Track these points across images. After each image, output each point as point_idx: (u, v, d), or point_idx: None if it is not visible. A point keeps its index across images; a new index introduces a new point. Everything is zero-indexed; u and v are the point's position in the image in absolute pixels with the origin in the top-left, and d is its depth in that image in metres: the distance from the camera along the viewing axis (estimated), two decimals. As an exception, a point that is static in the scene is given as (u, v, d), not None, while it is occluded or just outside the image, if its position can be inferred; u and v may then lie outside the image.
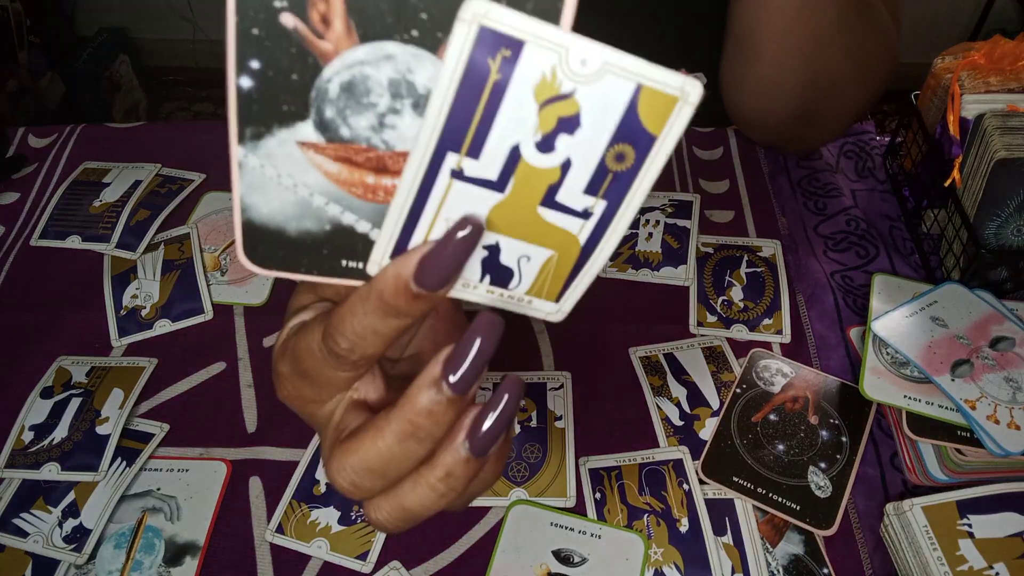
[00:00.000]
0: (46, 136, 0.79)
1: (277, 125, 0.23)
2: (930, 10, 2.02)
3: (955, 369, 0.52)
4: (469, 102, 0.21)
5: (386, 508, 0.28)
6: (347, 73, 0.22)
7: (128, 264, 0.66)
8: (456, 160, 0.23)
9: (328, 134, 0.23)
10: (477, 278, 0.26)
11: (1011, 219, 0.56)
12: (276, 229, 0.25)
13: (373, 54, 0.22)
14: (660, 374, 0.57)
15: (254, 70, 0.22)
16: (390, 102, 0.23)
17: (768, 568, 0.48)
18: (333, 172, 0.24)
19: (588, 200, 0.24)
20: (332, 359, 0.26)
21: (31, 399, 0.56)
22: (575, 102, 0.22)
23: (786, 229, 0.67)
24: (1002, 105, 0.57)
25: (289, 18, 0.21)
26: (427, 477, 0.27)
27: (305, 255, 0.26)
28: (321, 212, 0.25)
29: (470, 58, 0.21)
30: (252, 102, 0.23)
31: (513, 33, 0.20)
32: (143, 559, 0.49)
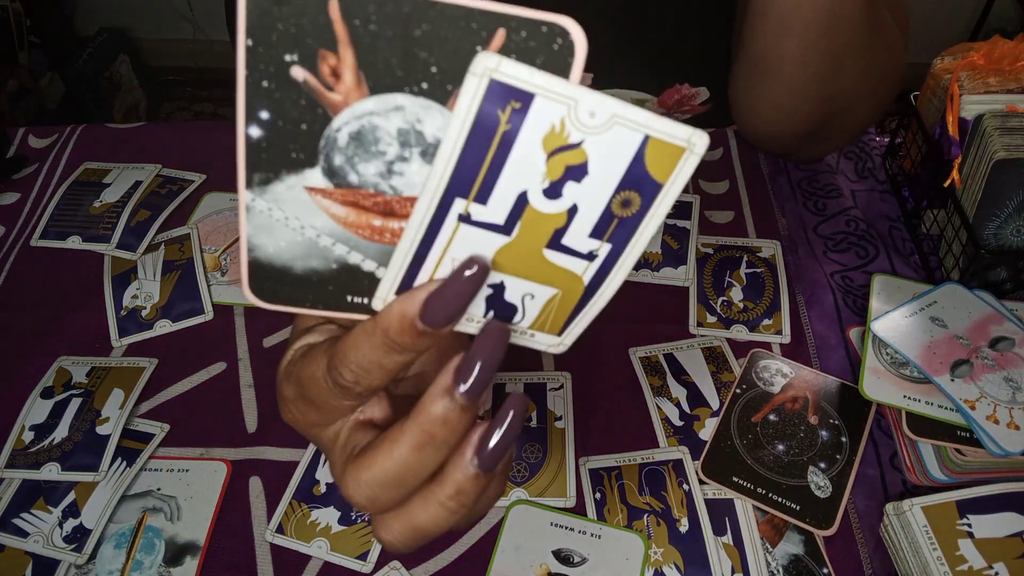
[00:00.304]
0: (46, 136, 0.79)
1: (286, 171, 0.24)
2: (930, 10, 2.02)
3: (955, 369, 0.52)
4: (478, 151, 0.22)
5: (397, 528, 0.28)
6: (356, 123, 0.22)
7: (128, 264, 0.66)
8: (464, 205, 0.23)
9: (336, 180, 0.24)
10: (481, 314, 0.27)
11: (1010, 219, 0.56)
12: (282, 267, 0.26)
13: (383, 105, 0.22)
14: (660, 374, 0.57)
15: (263, 120, 0.22)
16: (399, 150, 0.23)
17: (768, 568, 0.48)
18: (340, 215, 0.25)
19: (593, 243, 0.25)
20: (336, 389, 0.27)
21: (31, 399, 0.56)
22: (583, 152, 0.22)
23: (786, 230, 0.67)
24: (1001, 105, 0.57)
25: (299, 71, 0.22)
26: (436, 495, 0.27)
27: (311, 291, 0.27)
28: (328, 252, 0.26)
29: (480, 109, 0.21)
30: (261, 150, 0.23)
31: (523, 86, 0.21)
32: (143, 559, 0.49)
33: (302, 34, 0.21)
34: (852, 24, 0.54)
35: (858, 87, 0.59)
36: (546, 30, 0.21)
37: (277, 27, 0.21)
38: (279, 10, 0.21)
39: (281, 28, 0.21)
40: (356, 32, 0.21)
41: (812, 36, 0.54)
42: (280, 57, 0.21)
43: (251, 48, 0.21)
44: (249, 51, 0.21)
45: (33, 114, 1.86)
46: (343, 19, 0.21)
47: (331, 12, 0.21)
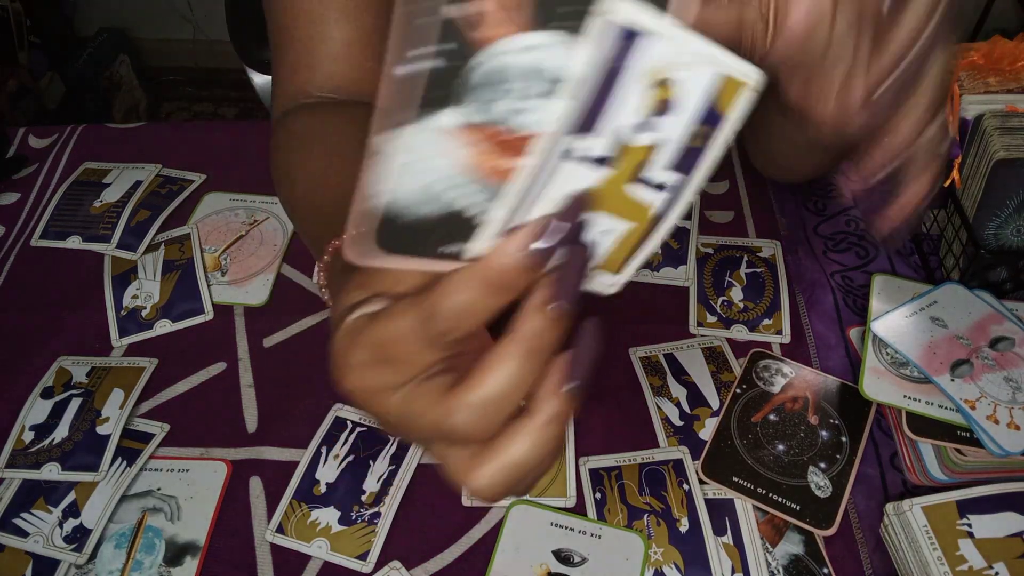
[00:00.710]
0: (46, 136, 0.79)
1: (422, 112, 0.24)
2: (930, 10, 2.02)
3: (955, 369, 0.52)
4: (594, 89, 0.23)
5: (491, 468, 0.29)
6: (495, 61, 0.23)
7: (128, 264, 0.66)
8: (572, 141, 0.25)
9: (467, 119, 0.24)
10: None
11: (1010, 219, 0.56)
12: (397, 214, 0.26)
13: (517, 44, 0.23)
14: (660, 374, 0.57)
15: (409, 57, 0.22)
16: (523, 88, 0.24)
17: (768, 568, 0.48)
18: (464, 156, 0.25)
19: (665, 175, 0.26)
20: (428, 340, 0.27)
21: (32, 399, 0.56)
22: (671, 87, 0.24)
23: (786, 230, 0.67)
24: (1001, 105, 0.57)
25: (452, 8, 0.22)
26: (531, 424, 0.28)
27: (418, 242, 0.27)
28: (443, 196, 0.26)
29: (601, 50, 0.22)
30: (401, 91, 0.23)
31: (636, 27, 0.22)
32: (143, 559, 0.49)
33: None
34: None
35: None
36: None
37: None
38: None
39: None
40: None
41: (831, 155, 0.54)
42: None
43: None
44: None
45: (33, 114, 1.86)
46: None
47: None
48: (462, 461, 0.29)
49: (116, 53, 2.09)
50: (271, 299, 0.63)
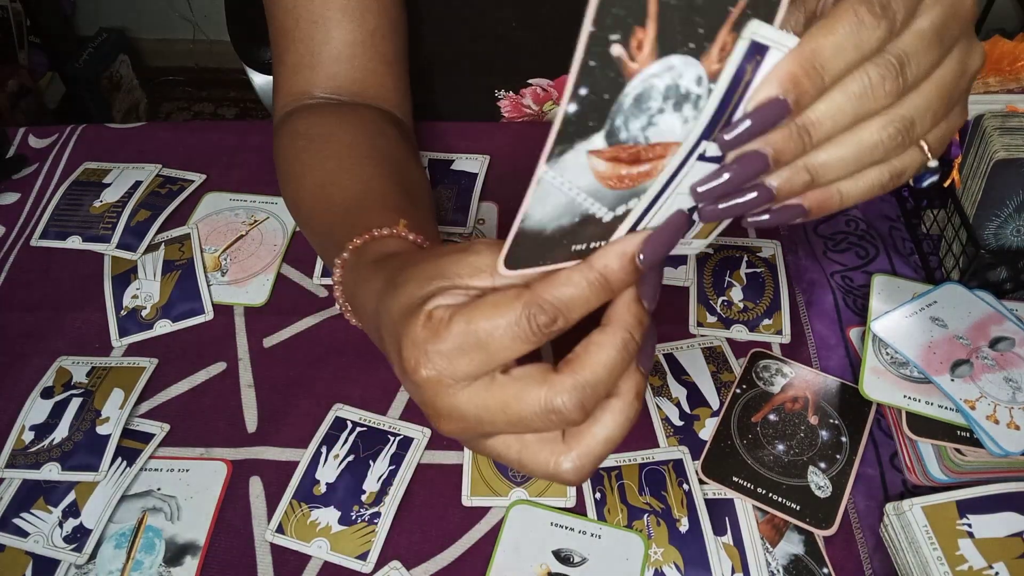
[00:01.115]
0: (46, 136, 0.79)
1: (579, 140, 0.25)
2: (930, 10, 2.02)
3: (955, 369, 0.52)
4: (728, 100, 0.26)
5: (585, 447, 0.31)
6: (640, 87, 0.25)
7: (128, 264, 0.66)
8: (705, 145, 0.27)
9: (611, 140, 0.26)
10: None
11: (1010, 219, 0.56)
12: (538, 231, 0.28)
13: (661, 67, 0.25)
14: (660, 374, 0.57)
15: (581, 96, 0.24)
16: (661, 104, 0.25)
17: (768, 568, 0.48)
18: (602, 171, 0.27)
19: None
20: (530, 330, 0.29)
21: (31, 399, 0.56)
22: None
23: (786, 229, 0.67)
24: (1001, 105, 0.57)
25: (618, 48, 0.23)
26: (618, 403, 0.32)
27: (549, 249, 0.29)
28: (579, 207, 0.28)
29: (739, 66, 0.25)
30: (571, 124, 0.25)
31: (767, 43, 0.26)
32: (143, 559, 0.49)
33: (627, 15, 0.23)
34: None
35: None
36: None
37: (612, 12, 0.23)
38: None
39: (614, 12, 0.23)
40: (663, 5, 0.23)
41: None
42: (607, 38, 0.23)
43: (593, 34, 0.23)
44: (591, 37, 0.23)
45: (33, 114, 1.86)
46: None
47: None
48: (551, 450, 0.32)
49: (116, 53, 2.09)
50: (271, 299, 0.63)
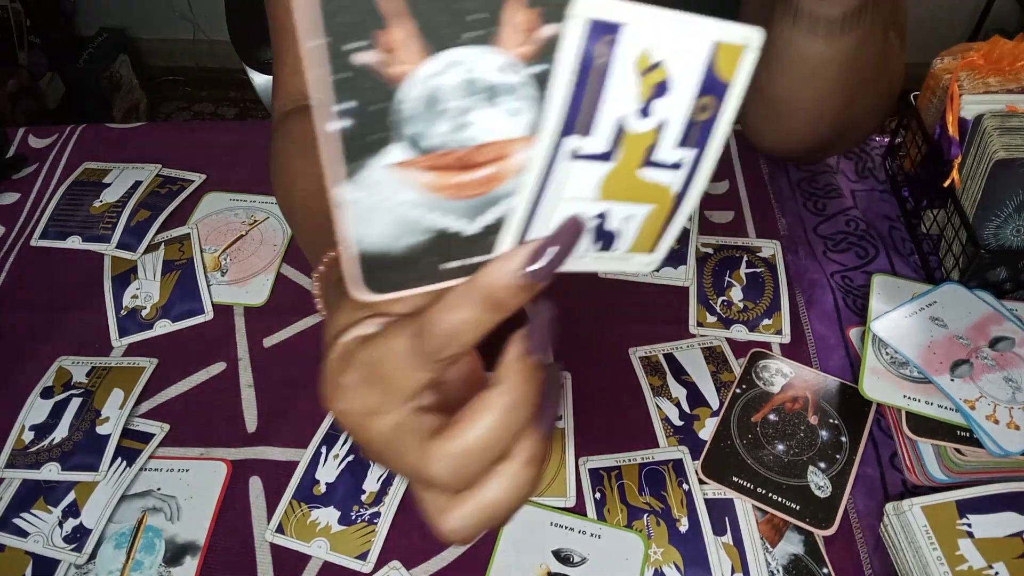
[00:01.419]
0: (46, 136, 0.79)
1: (369, 155, 0.24)
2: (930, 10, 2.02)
3: (954, 369, 0.52)
4: (582, 88, 0.23)
5: (467, 510, 0.29)
6: (421, 88, 0.23)
7: (128, 264, 0.66)
8: (574, 142, 0.25)
9: (415, 149, 0.25)
10: (586, 247, 0.28)
11: (1010, 219, 0.56)
12: (384, 252, 0.27)
13: (440, 64, 0.23)
14: (660, 374, 0.57)
15: (340, 112, 0.23)
16: (462, 102, 0.24)
17: (768, 568, 0.48)
18: (426, 182, 0.25)
19: (679, 153, 0.26)
20: (421, 359, 0.27)
21: (31, 399, 0.56)
22: (665, 68, 0.24)
23: (786, 230, 0.67)
24: (1001, 105, 0.57)
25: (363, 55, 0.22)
26: (508, 467, 0.29)
27: (413, 269, 0.27)
28: (420, 223, 0.26)
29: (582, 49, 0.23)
30: (349, 140, 0.24)
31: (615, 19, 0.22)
32: (143, 559, 0.49)
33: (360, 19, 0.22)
34: (868, 66, 0.55)
35: (869, 110, 0.60)
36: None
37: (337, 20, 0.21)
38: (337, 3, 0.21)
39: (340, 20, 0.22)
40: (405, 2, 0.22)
41: (832, 84, 0.54)
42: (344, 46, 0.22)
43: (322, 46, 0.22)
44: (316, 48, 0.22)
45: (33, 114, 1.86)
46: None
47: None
48: (437, 502, 0.29)
49: (116, 53, 2.09)
50: (271, 299, 0.63)
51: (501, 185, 0.26)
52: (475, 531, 0.29)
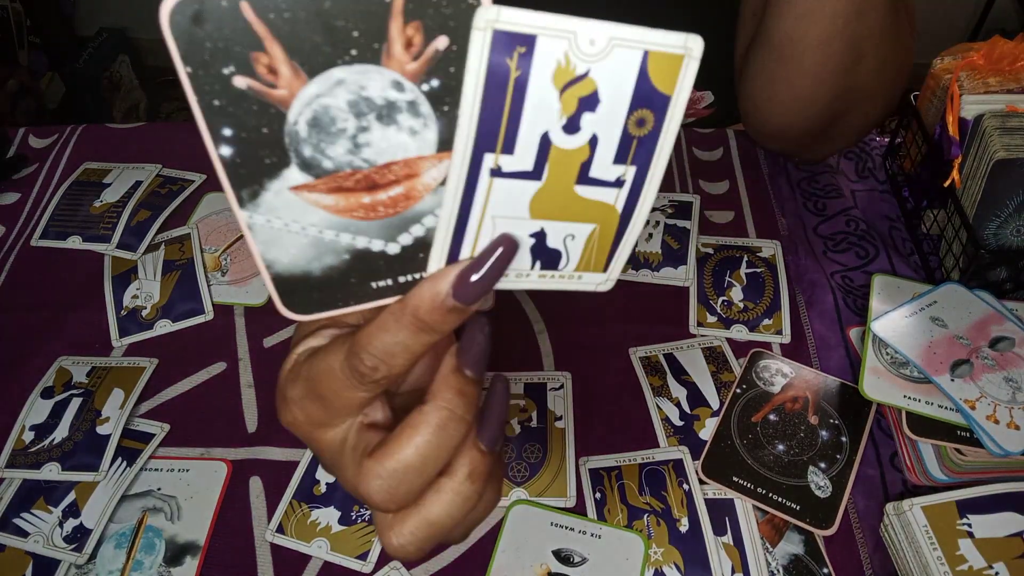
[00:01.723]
0: (47, 136, 0.79)
1: (267, 179, 0.24)
2: (930, 10, 2.02)
3: (955, 369, 0.52)
4: (496, 103, 0.23)
5: (409, 527, 0.28)
6: (308, 110, 0.23)
7: (129, 264, 0.66)
8: (493, 159, 0.24)
9: (314, 171, 0.24)
10: (528, 266, 0.27)
11: (1010, 219, 0.56)
12: (303, 274, 0.26)
13: (325, 84, 0.22)
14: (660, 374, 0.57)
15: (228, 137, 0.23)
16: (356, 122, 0.23)
17: (768, 568, 0.48)
18: (331, 204, 0.25)
19: (619, 169, 0.25)
20: (355, 378, 0.27)
21: (32, 399, 0.56)
22: (591, 80, 0.23)
23: (786, 230, 0.67)
24: (1001, 105, 0.57)
25: (240, 80, 0.22)
26: (449, 483, 0.28)
27: (338, 290, 0.27)
28: (335, 245, 0.26)
29: (490, 62, 0.22)
30: (238, 166, 0.23)
31: (525, 30, 0.21)
32: (143, 559, 0.49)
33: (230, 44, 0.21)
34: (877, 11, 0.54)
35: (874, 80, 0.59)
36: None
37: (206, 46, 0.21)
38: (201, 30, 0.21)
39: (209, 46, 0.21)
40: (274, 24, 0.21)
41: (839, 22, 0.54)
42: (219, 73, 0.22)
43: (192, 74, 0.22)
44: (191, 77, 0.22)
45: (33, 114, 1.86)
46: (258, 17, 0.21)
47: (246, 14, 0.21)
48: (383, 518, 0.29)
49: (116, 53, 2.09)
50: (271, 299, 0.63)
51: (417, 204, 0.25)
52: (420, 547, 0.28)
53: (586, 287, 0.29)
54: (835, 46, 0.55)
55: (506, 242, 0.26)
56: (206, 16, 0.21)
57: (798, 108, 0.60)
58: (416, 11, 0.22)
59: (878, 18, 0.55)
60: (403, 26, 0.22)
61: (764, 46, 0.60)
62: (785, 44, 0.57)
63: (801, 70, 0.57)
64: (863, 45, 0.55)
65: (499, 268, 0.26)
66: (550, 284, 0.28)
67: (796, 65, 0.57)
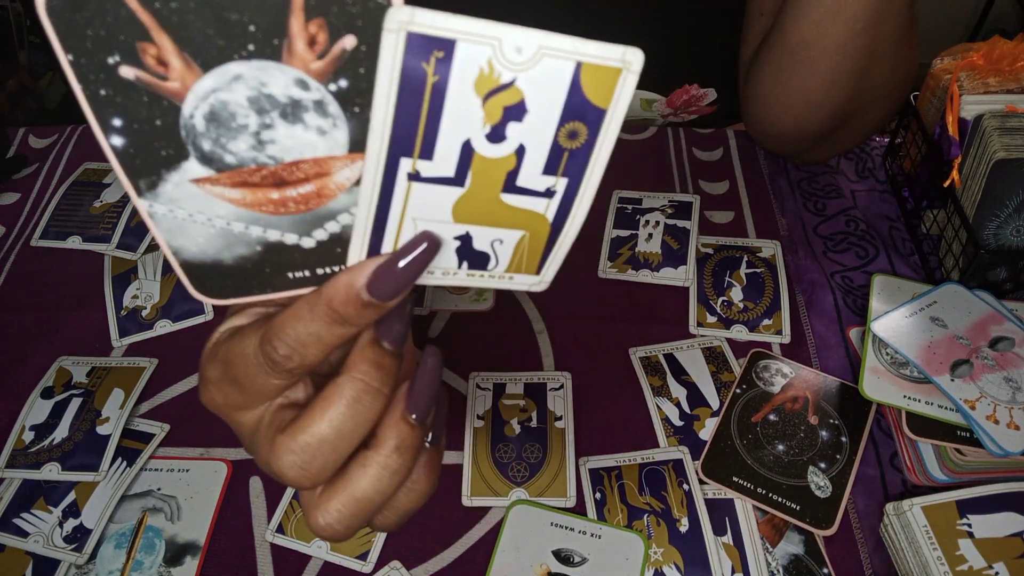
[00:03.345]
0: (47, 136, 0.79)
1: (165, 170, 0.23)
2: (929, 10, 2.02)
3: (955, 369, 0.52)
4: (412, 107, 0.22)
5: (336, 504, 0.27)
6: (205, 105, 0.22)
7: (129, 264, 0.66)
8: (410, 164, 0.23)
9: (215, 165, 0.23)
10: (455, 265, 0.26)
11: (1010, 219, 0.56)
12: (213, 262, 0.25)
13: (221, 79, 0.22)
14: (660, 374, 0.57)
15: (119, 127, 0.22)
16: (258, 119, 0.22)
17: (768, 568, 0.48)
18: (237, 198, 0.24)
19: (549, 180, 0.24)
20: (268, 365, 0.26)
21: (32, 399, 0.56)
22: (518, 90, 0.22)
23: (786, 230, 0.67)
24: (1001, 106, 0.57)
25: (128, 70, 0.21)
26: (374, 457, 0.27)
27: (252, 277, 0.26)
28: (245, 236, 0.25)
29: (404, 65, 0.21)
30: (132, 157, 0.23)
31: (443, 34, 0.20)
32: (143, 559, 0.49)
33: (113, 33, 0.20)
34: (896, 18, 0.54)
35: (886, 84, 0.59)
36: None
37: (87, 34, 0.20)
38: (81, 16, 0.20)
39: (91, 34, 0.20)
40: (161, 14, 0.20)
41: (859, 26, 0.53)
42: (104, 62, 0.21)
43: (74, 62, 0.21)
44: (73, 65, 0.21)
45: (33, 114, 1.86)
46: (142, 6, 0.20)
47: (128, 2, 0.20)
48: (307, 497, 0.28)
49: (116, 53, 2.09)
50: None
51: (331, 202, 0.25)
52: (348, 526, 0.28)
53: (519, 287, 0.28)
54: (852, 50, 0.55)
55: (427, 240, 0.25)
56: (87, 3, 0.20)
57: (809, 111, 0.60)
58: (318, 7, 0.20)
59: (896, 23, 0.54)
60: (304, 23, 0.21)
61: (778, 48, 0.59)
62: (801, 47, 0.57)
63: (815, 73, 0.57)
64: (878, 49, 0.55)
65: (418, 266, 0.25)
66: (480, 283, 0.27)
67: (811, 68, 0.57)
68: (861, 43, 0.54)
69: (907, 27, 0.56)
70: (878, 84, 0.58)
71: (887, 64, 0.57)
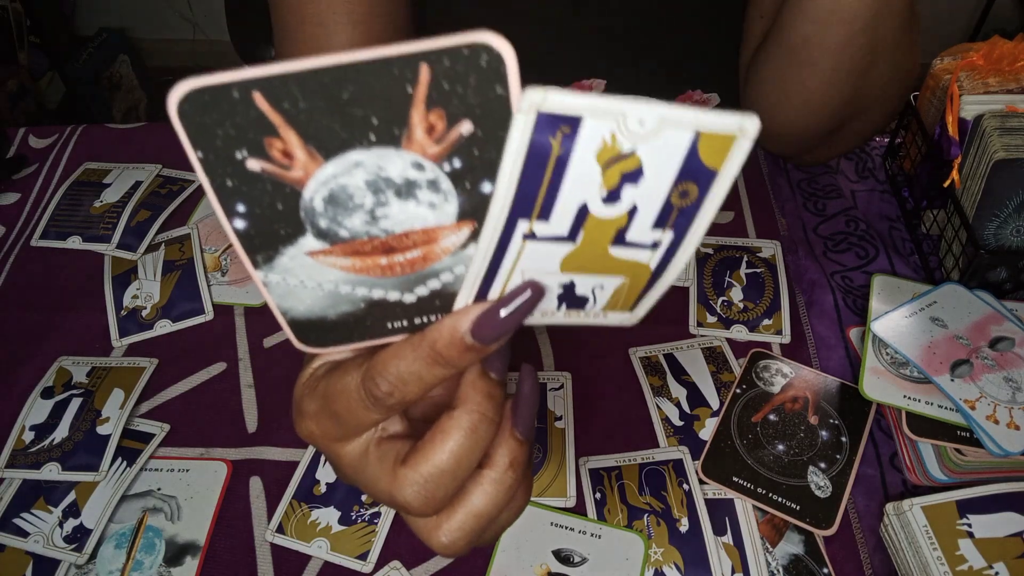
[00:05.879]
0: (47, 136, 0.79)
1: (282, 246, 0.24)
2: (929, 10, 2.02)
3: (954, 369, 0.52)
4: (534, 176, 0.22)
5: (456, 523, 0.29)
6: (325, 189, 0.23)
7: (129, 264, 0.66)
8: (527, 225, 0.24)
9: (329, 239, 0.25)
10: (555, 307, 0.28)
11: (1010, 219, 0.56)
12: (318, 319, 0.27)
13: (342, 166, 0.23)
14: (660, 374, 0.57)
15: (242, 212, 0.23)
16: (374, 198, 0.24)
17: (768, 568, 0.48)
18: (347, 265, 0.25)
19: (656, 234, 0.25)
20: (369, 400, 0.27)
21: (32, 399, 0.56)
22: (637, 158, 0.22)
23: (786, 230, 0.67)
24: (1001, 106, 0.57)
25: (254, 163, 0.22)
26: (491, 474, 0.29)
27: (353, 329, 0.28)
28: (351, 296, 0.27)
29: (531, 141, 0.21)
30: (252, 237, 0.24)
31: (570, 112, 0.21)
32: (144, 559, 0.49)
33: (242, 131, 0.21)
34: (897, 18, 0.54)
35: (886, 85, 0.59)
36: (468, 52, 0.21)
37: (217, 133, 0.21)
38: (210, 118, 0.21)
39: (221, 133, 0.21)
40: (289, 113, 0.21)
41: (859, 26, 0.53)
42: (232, 156, 0.22)
43: (203, 159, 0.22)
44: (202, 162, 0.22)
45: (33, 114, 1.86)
46: (273, 107, 0.21)
47: (259, 104, 0.21)
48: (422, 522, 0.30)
49: (116, 53, 2.09)
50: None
51: (435, 263, 0.26)
52: (468, 542, 0.29)
53: (610, 323, 0.30)
54: (852, 50, 0.55)
55: (532, 288, 0.26)
56: (217, 107, 0.21)
57: (809, 111, 0.60)
58: (439, 100, 0.21)
59: (895, 23, 0.54)
60: (425, 113, 0.21)
61: (778, 48, 0.59)
62: (801, 47, 0.56)
63: (816, 73, 0.57)
64: (879, 49, 0.55)
65: (522, 313, 0.26)
66: (575, 321, 0.29)
67: (811, 68, 0.57)
68: (861, 43, 0.54)
69: (907, 27, 0.56)
70: (878, 84, 0.58)
71: (887, 64, 0.57)
